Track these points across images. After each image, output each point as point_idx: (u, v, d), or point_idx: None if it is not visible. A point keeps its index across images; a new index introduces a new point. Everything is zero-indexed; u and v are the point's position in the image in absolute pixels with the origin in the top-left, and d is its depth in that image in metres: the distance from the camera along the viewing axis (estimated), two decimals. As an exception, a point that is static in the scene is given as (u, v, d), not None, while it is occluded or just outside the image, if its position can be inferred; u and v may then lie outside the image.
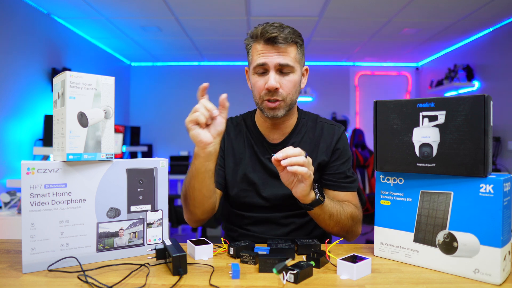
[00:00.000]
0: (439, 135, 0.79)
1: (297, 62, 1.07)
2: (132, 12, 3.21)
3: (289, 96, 1.06)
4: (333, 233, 1.05)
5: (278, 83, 1.03)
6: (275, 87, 1.02)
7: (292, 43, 1.04)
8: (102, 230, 0.86)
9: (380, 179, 0.90)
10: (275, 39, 1.01)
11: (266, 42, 1.03)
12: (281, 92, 1.04)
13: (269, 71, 1.04)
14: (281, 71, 1.04)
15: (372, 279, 0.76)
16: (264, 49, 1.03)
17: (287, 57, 1.03)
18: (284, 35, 1.01)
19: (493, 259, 0.72)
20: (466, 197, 0.76)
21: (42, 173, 0.79)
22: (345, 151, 1.15)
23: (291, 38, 1.03)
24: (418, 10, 3.13)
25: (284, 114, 1.07)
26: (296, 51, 1.06)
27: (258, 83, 1.06)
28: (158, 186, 0.93)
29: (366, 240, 4.28)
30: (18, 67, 2.86)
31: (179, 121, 5.08)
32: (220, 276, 0.77)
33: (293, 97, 1.07)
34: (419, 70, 5.16)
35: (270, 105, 1.05)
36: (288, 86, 1.05)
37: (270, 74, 1.03)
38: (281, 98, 1.04)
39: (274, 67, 1.03)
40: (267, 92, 1.04)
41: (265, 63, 1.03)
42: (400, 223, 0.87)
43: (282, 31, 1.01)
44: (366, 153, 4.09)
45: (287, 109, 1.07)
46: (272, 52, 1.02)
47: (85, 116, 0.82)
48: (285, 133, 1.15)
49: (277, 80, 1.03)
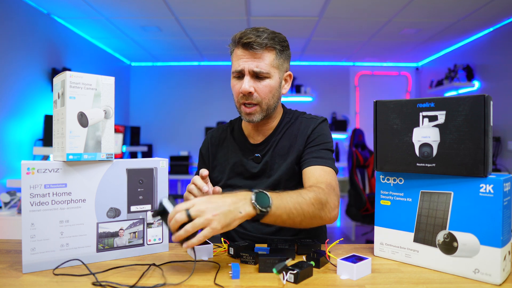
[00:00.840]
0: (439, 135, 0.79)
1: (274, 67, 1.07)
2: (132, 12, 3.21)
3: (265, 100, 1.06)
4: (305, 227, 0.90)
5: (253, 87, 1.04)
6: (248, 91, 1.04)
7: (269, 48, 1.05)
8: (102, 230, 0.86)
9: (380, 179, 0.90)
10: (249, 44, 1.02)
11: (242, 46, 1.05)
12: (256, 96, 1.05)
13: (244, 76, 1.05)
14: (257, 76, 1.05)
15: (372, 279, 0.76)
16: (241, 54, 1.05)
17: (261, 62, 1.04)
18: (260, 40, 1.02)
19: (493, 259, 0.72)
20: (466, 197, 0.76)
21: (42, 173, 0.79)
22: (320, 137, 1.10)
23: (268, 43, 1.03)
24: (418, 10, 3.13)
25: (261, 118, 1.08)
26: (273, 57, 1.06)
27: (235, 87, 1.08)
28: (158, 186, 0.93)
29: (366, 240, 4.28)
30: (18, 67, 2.86)
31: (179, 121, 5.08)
32: (220, 276, 0.77)
33: (269, 102, 1.08)
34: (419, 70, 5.16)
35: (246, 110, 1.07)
36: (263, 91, 1.05)
37: (245, 79, 1.05)
38: (256, 102, 1.06)
39: (249, 72, 1.04)
40: (242, 96, 1.06)
41: (241, 68, 1.05)
42: (400, 223, 0.87)
43: (259, 36, 1.02)
44: (366, 153, 4.09)
45: (263, 114, 1.08)
46: (247, 57, 1.04)
47: (85, 116, 0.82)
48: (266, 134, 1.17)
49: (251, 85, 1.04)
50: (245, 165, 1.15)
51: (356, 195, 3.68)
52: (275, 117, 1.16)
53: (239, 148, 1.18)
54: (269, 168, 1.13)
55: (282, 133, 1.15)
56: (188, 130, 5.06)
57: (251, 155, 1.15)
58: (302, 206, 0.84)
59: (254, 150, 1.16)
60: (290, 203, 0.83)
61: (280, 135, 1.15)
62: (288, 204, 0.82)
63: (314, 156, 1.06)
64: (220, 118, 4.90)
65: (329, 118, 5.07)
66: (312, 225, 0.89)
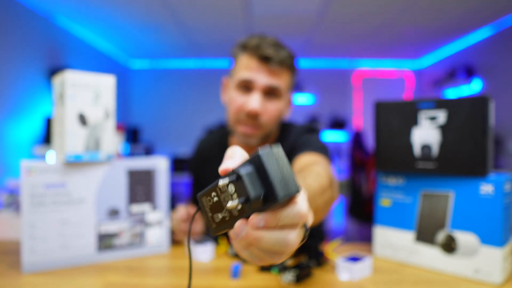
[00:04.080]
0: (439, 136, 0.79)
1: (288, 89, 0.95)
2: (132, 12, 3.21)
3: (269, 125, 0.92)
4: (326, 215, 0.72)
5: (262, 107, 0.90)
6: (257, 112, 0.88)
7: (285, 68, 0.91)
8: (102, 230, 0.86)
9: (380, 179, 0.90)
10: (270, 59, 0.87)
11: (259, 58, 0.88)
12: (262, 119, 0.90)
13: (253, 91, 0.90)
14: (268, 93, 0.91)
15: (372, 279, 0.76)
16: (253, 65, 0.89)
17: (279, 80, 0.90)
18: (281, 57, 0.88)
19: (493, 259, 0.72)
20: (466, 197, 0.76)
21: (42, 173, 0.79)
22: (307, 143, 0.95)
23: (287, 62, 0.91)
24: (418, 10, 3.13)
25: (258, 143, 0.94)
26: (289, 78, 0.94)
27: (237, 101, 0.91)
28: (158, 186, 0.93)
29: (366, 240, 4.29)
30: (18, 67, 2.86)
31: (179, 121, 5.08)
32: (220, 276, 0.77)
33: (272, 127, 0.94)
34: (419, 70, 5.16)
35: (246, 130, 0.91)
36: (271, 114, 0.91)
37: (253, 95, 0.88)
38: (260, 125, 0.91)
39: (262, 88, 0.89)
40: (245, 114, 0.90)
41: (252, 80, 0.89)
42: (400, 223, 0.87)
43: (278, 52, 0.88)
44: (366, 153, 4.09)
45: (262, 138, 0.94)
46: (263, 71, 0.89)
47: (85, 116, 0.82)
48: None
49: (261, 104, 0.89)
50: None
51: (356, 195, 3.68)
52: (271, 136, 1.02)
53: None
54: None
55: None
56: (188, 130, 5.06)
57: None
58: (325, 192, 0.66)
59: None
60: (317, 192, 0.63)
61: None
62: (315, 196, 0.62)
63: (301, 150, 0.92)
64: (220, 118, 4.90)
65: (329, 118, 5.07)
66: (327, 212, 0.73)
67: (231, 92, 0.94)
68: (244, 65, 0.91)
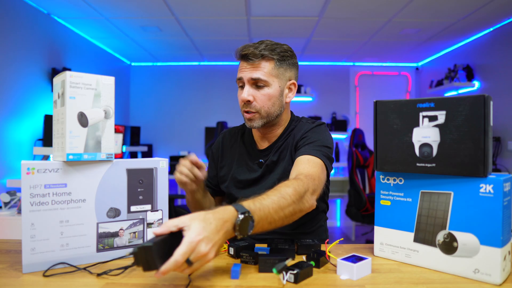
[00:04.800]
0: (439, 135, 0.79)
1: (273, 76, 1.10)
2: (132, 12, 3.21)
3: (264, 108, 1.10)
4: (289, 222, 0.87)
5: (252, 96, 1.10)
6: (247, 99, 1.09)
7: (266, 58, 1.09)
8: (102, 230, 0.86)
9: (380, 179, 0.90)
10: (246, 55, 1.09)
11: (241, 58, 1.11)
12: (254, 105, 1.10)
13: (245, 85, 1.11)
14: (256, 84, 1.10)
15: (372, 279, 0.76)
16: (241, 65, 1.12)
17: (258, 71, 1.09)
18: (257, 51, 1.08)
19: (493, 259, 0.72)
20: (466, 197, 0.76)
21: (42, 173, 0.79)
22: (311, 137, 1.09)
23: (265, 54, 1.08)
24: (418, 10, 3.13)
25: (262, 125, 1.12)
26: (272, 66, 1.10)
27: (239, 96, 1.14)
28: (158, 186, 0.93)
29: (366, 240, 4.28)
30: (18, 67, 2.86)
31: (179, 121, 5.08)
32: (220, 276, 0.77)
33: (269, 110, 1.11)
34: (419, 70, 5.16)
35: (246, 115, 1.13)
36: (261, 99, 1.10)
37: (245, 88, 1.11)
38: (255, 110, 1.10)
39: (247, 81, 1.10)
40: (243, 104, 1.12)
41: (241, 77, 1.11)
42: (400, 223, 0.87)
43: (256, 48, 1.08)
44: (366, 153, 4.09)
45: (264, 120, 1.12)
46: (246, 68, 1.10)
47: (85, 116, 0.82)
48: (271, 141, 1.19)
49: (250, 93, 1.10)
50: (249, 169, 1.19)
51: (356, 195, 3.68)
52: (281, 124, 1.19)
53: (246, 152, 1.22)
54: (269, 173, 1.16)
55: (284, 140, 1.17)
56: (188, 130, 5.06)
57: (257, 160, 1.19)
58: (283, 210, 0.81)
59: (259, 155, 1.19)
60: (272, 211, 0.79)
61: (283, 141, 1.17)
62: (271, 213, 0.78)
63: (303, 149, 1.06)
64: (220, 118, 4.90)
65: (329, 118, 5.06)
66: (293, 221, 0.87)
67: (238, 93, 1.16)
68: (239, 67, 1.13)
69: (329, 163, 1.05)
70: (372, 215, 3.51)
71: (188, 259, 0.65)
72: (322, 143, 1.07)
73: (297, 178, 0.92)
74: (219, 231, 0.69)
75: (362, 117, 5.16)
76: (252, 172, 1.18)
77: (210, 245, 0.67)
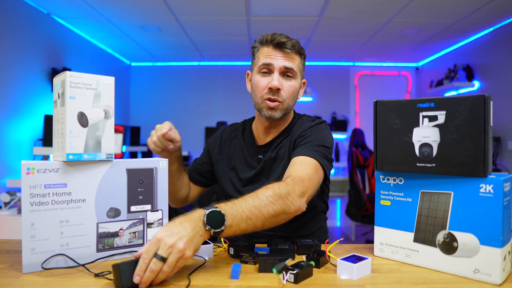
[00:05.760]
0: (439, 135, 0.79)
1: (299, 71, 1.13)
2: (132, 12, 3.21)
3: (287, 100, 1.11)
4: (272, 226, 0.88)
5: (281, 84, 1.09)
6: (277, 87, 1.08)
7: (297, 52, 1.12)
8: (102, 230, 0.86)
9: (380, 179, 0.90)
10: (283, 44, 1.08)
11: (274, 46, 1.09)
12: (282, 94, 1.09)
13: (273, 73, 1.09)
14: (285, 74, 1.10)
15: (372, 279, 0.76)
16: (271, 52, 1.10)
17: (292, 62, 1.10)
18: (292, 43, 1.09)
19: (493, 259, 0.72)
20: (466, 197, 0.76)
21: (42, 173, 0.79)
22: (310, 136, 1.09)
23: (298, 47, 1.11)
24: (418, 10, 3.13)
25: (281, 116, 1.11)
26: (300, 61, 1.13)
27: (261, 82, 1.10)
28: (158, 186, 0.93)
29: (366, 240, 4.28)
30: (18, 67, 2.86)
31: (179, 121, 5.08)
32: (220, 276, 0.77)
33: (290, 103, 1.12)
34: (419, 70, 5.16)
35: (270, 104, 1.09)
36: (289, 90, 1.10)
37: (274, 75, 1.09)
38: (281, 100, 1.09)
39: (279, 69, 1.09)
40: (268, 91, 1.09)
41: (271, 63, 1.09)
42: (400, 223, 0.87)
43: (290, 40, 1.10)
44: (366, 153, 4.09)
45: (283, 112, 1.11)
46: (279, 56, 1.09)
47: (85, 116, 0.82)
48: (273, 136, 1.19)
49: (280, 82, 1.09)
50: (248, 166, 1.19)
51: (356, 195, 3.68)
52: (287, 119, 1.20)
53: (246, 148, 1.21)
54: (268, 169, 1.15)
55: (285, 137, 1.17)
56: (188, 130, 5.06)
57: (256, 156, 1.18)
58: (260, 209, 0.83)
59: (258, 151, 1.19)
60: (246, 210, 0.81)
61: (283, 138, 1.17)
62: (244, 211, 0.81)
63: (299, 149, 1.05)
64: (220, 118, 4.90)
65: (329, 118, 5.06)
66: (279, 222, 0.89)
67: (255, 77, 1.12)
68: (264, 53, 1.11)
69: (326, 162, 1.04)
70: (372, 215, 3.51)
71: (159, 255, 0.68)
72: (320, 142, 1.06)
73: (282, 181, 0.93)
74: (186, 227, 0.73)
75: (362, 117, 5.16)
76: (251, 169, 1.18)
77: (176, 237, 0.70)
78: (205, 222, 0.75)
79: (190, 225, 0.73)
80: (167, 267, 0.69)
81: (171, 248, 0.69)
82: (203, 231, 0.75)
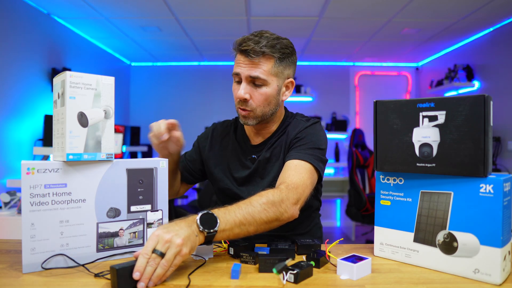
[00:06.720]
0: (439, 135, 0.79)
1: (272, 75, 1.06)
2: (132, 12, 3.21)
3: (259, 108, 1.07)
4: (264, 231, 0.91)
5: (249, 94, 1.05)
6: (244, 98, 1.05)
7: (267, 56, 1.03)
8: (102, 230, 0.86)
9: (380, 179, 0.90)
10: (247, 51, 1.02)
11: (241, 53, 1.05)
12: (251, 103, 1.06)
13: (242, 81, 1.06)
14: (254, 82, 1.05)
15: (372, 279, 0.76)
16: (239, 59, 1.06)
17: (257, 69, 1.03)
18: (258, 48, 1.01)
19: (493, 259, 0.72)
20: (466, 197, 0.76)
21: (42, 173, 0.79)
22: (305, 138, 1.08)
23: (266, 51, 1.02)
24: (418, 10, 3.13)
25: (256, 123, 1.10)
26: (271, 65, 1.05)
27: (235, 91, 1.09)
28: (158, 186, 0.93)
29: (366, 240, 4.28)
30: (18, 67, 2.86)
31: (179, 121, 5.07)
32: (220, 276, 0.77)
33: (264, 109, 1.08)
34: (419, 70, 5.15)
35: (241, 112, 1.09)
36: (258, 99, 1.06)
37: (242, 85, 1.06)
38: (250, 109, 1.07)
39: (246, 78, 1.05)
40: (239, 101, 1.08)
41: (238, 73, 1.06)
42: (400, 223, 0.87)
43: (257, 44, 1.02)
44: (366, 153, 4.09)
45: (258, 119, 1.09)
46: (245, 64, 1.04)
47: (85, 116, 0.82)
48: (265, 137, 1.18)
49: (248, 91, 1.05)
50: (242, 165, 1.17)
51: (356, 195, 3.68)
52: (275, 121, 1.17)
53: (239, 147, 1.20)
54: (262, 169, 1.14)
55: (278, 136, 1.16)
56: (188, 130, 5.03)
57: (249, 155, 1.17)
58: (253, 215, 0.86)
59: (252, 151, 1.18)
60: (239, 215, 0.85)
61: (277, 138, 1.16)
62: (237, 217, 0.84)
63: (294, 152, 1.05)
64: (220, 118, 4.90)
65: (329, 118, 5.06)
66: (271, 228, 0.92)
67: (233, 85, 1.12)
68: (236, 60, 1.08)
69: (321, 165, 1.06)
70: (372, 215, 3.51)
71: (158, 250, 0.71)
72: (315, 145, 1.06)
73: (277, 188, 0.94)
74: (182, 226, 0.76)
75: (362, 117, 5.16)
76: (245, 169, 1.16)
77: (173, 233, 0.73)
78: (199, 223, 0.79)
79: (185, 225, 0.78)
80: (165, 261, 0.71)
81: (168, 243, 0.72)
82: (198, 232, 0.79)
